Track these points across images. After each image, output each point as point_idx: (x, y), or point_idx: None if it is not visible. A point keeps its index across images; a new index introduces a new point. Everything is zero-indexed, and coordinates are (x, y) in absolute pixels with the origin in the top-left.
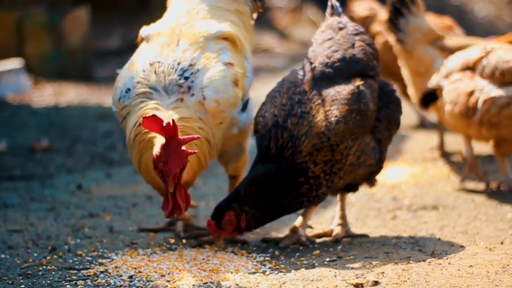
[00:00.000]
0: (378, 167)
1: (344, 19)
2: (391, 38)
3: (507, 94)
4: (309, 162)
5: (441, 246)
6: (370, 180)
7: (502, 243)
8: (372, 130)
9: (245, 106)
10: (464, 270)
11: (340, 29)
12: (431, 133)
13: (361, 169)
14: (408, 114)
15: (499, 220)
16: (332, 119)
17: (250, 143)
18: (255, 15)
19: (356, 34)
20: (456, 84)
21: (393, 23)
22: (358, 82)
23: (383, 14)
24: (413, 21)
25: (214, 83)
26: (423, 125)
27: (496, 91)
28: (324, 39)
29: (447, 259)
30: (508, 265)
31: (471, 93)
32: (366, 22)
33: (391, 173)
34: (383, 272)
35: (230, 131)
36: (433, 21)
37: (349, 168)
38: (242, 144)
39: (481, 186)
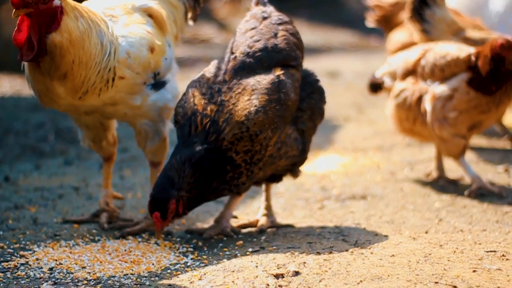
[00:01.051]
0: (301, 158)
1: (269, 8)
2: (415, 29)
3: (449, 87)
4: (231, 151)
5: (365, 236)
6: (293, 171)
7: (426, 232)
8: (295, 121)
9: (159, 86)
10: (386, 260)
11: (264, 18)
12: (363, 123)
13: (283, 160)
14: (342, 104)
15: (426, 210)
16: (252, 109)
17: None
18: (190, 14)
19: (279, 24)
20: (403, 94)
21: (418, 13)
22: (279, 72)
23: None
24: (439, 12)
25: (132, 37)
26: None
27: (438, 88)
28: (247, 29)
29: (370, 248)
30: (430, 254)
31: (419, 99)
32: (395, 9)
33: (321, 163)
34: (304, 262)
35: (131, 97)
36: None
37: (269, 160)
38: (156, 124)
39: (411, 175)
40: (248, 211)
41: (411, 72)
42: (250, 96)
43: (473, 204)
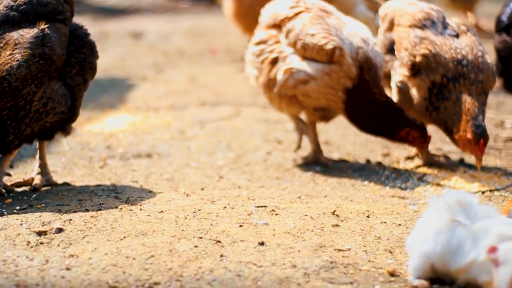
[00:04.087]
0: (71, 115)
1: None
2: None
3: (306, 71)
4: None
5: (139, 193)
6: (64, 128)
7: (203, 189)
8: (63, 76)
9: None
10: (154, 216)
11: None
12: (159, 83)
13: (50, 116)
14: (142, 64)
15: (209, 167)
16: (14, 63)
17: None
18: None
19: None
20: (261, 46)
21: None
22: (43, 26)
23: None
24: None
25: None
26: None
27: (297, 64)
28: None
29: (140, 205)
30: (199, 210)
31: (274, 61)
32: None
33: (110, 122)
34: (70, 219)
35: None
36: None
37: (35, 116)
38: None
39: (200, 134)
40: (28, 170)
41: (276, 26)
42: (12, 50)
43: (257, 162)
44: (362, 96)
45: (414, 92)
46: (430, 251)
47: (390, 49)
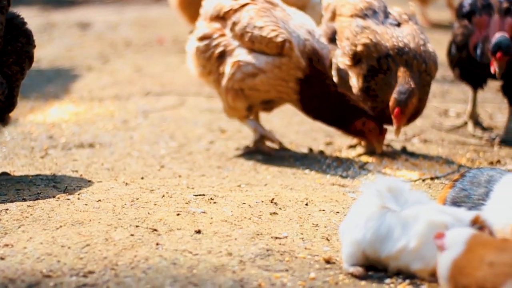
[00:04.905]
0: (8, 104)
1: None
2: None
3: (255, 64)
4: None
5: (78, 182)
6: (1, 118)
7: (142, 178)
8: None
9: None
10: (91, 205)
11: None
12: (104, 73)
13: None
14: (88, 54)
15: (151, 157)
16: None
17: None
18: None
19: None
20: (206, 41)
21: None
22: None
23: None
24: None
25: None
26: None
27: (244, 57)
28: None
29: (78, 194)
30: (137, 199)
31: (221, 55)
32: None
33: (53, 112)
34: (7, 209)
35: None
36: None
37: None
38: None
39: (143, 123)
40: None
41: (220, 18)
42: None
43: (199, 151)
44: (317, 86)
45: (353, 81)
46: (361, 238)
47: (332, 38)
